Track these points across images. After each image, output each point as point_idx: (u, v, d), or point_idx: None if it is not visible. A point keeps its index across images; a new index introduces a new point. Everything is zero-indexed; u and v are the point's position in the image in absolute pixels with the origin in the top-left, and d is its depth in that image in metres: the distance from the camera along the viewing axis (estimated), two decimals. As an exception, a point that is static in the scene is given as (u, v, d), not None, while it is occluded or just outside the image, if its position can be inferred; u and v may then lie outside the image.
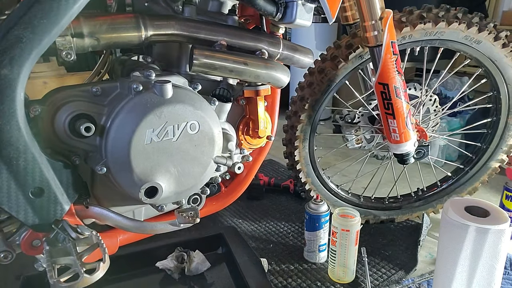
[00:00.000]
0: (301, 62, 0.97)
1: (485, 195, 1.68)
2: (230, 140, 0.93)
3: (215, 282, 1.10)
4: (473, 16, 1.14)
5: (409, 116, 1.14)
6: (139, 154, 0.75)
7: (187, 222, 0.78)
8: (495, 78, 1.23)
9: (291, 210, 1.54)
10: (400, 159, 1.23)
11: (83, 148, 0.76)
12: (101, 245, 0.67)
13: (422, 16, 1.12)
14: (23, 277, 1.03)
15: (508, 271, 1.17)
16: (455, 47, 1.17)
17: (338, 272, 1.13)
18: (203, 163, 0.83)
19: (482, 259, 0.90)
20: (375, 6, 1.00)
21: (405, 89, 1.12)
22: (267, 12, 0.84)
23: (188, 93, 0.81)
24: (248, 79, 0.88)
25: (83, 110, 0.74)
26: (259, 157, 1.10)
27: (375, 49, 1.05)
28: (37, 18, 0.63)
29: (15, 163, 0.66)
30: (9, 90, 0.63)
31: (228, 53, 0.84)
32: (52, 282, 0.61)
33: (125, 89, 0.77)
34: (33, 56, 0.64)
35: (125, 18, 0.77)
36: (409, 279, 1.15)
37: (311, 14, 0.87)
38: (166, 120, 0.76)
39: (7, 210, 0.68)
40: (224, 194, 1.11)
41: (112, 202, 0.85)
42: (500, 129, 1.31)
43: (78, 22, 0.72)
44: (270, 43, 0.91)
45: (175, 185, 0.81)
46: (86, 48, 0.74)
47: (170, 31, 0.81)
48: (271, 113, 1.06)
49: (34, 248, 0.75)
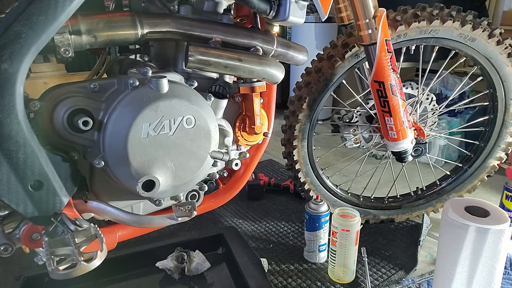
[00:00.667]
0: (295, 59, 0.98)
1: (485, 195, 1.67)
2: (227, 135, 0.94)
3: (215, 282, 1.10)
4: (467, 14, 1.16)
5: (406, 114, 1.15)
6: (136, 148, 0.76)
7: (184, 215, 0.79)
8: (491, 75, 1.24)
9: (291, 210, 1.54)
10: (398, 157, 1.24)
11: (81, 143, 0.78)
12: (98, 235, 0.68)
13: (416, 14, 1.13)
14: (23, 278, 1.03)
15: (508, 271, 1.16)
16: (450, 45, 1.18)
17: (338, 272, 1.13)
18: (200, 157, 0.84)
19: (482, 259, 0.90)
20: (368, 4, 1.02)
21: (401, 86, 1.13)
22: (260, 10, 0.86)
23: (184, 88, 0.82)
24: (242, 75, 0.89)
25: (81, 105, 0.76)
26: (257, 154, 1.11)
27: (369, 47, 1.07)
28: (35, 14, 0.65)
29: (14, 156, 0.67)
30: (9, 84, 0.64)
31: (223, 49, 0.86)
32: (51, 270, 0.62)
33: (122, 85, 0.79)
34: (32, 51, 0.66)
35: (122, 16, 0.79)
36: (409, 279, 1.15)
37: (304, 12, 0.89)
38: (162, 114, 0.77)
39: (7, 203, 0.69)
40: (222, 191, 1.12)
41: (110, 196, 0.86)
42: (498, 126, 1.31)
43: (76, 19, 0.74)
44: (264, 40, 0.92)
45: (172, 179, 0.82)
46: (84, 46, 0.76)
47: (166, 28, 0.82)
48: (268, 110, 1.07)
49: (34, 241, 0.75)
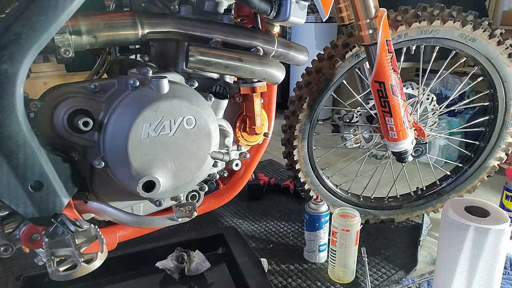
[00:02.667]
0: (296, 59, 0.98)
1: (485, 195, 1.67)
2: (227, 136, 0.94)
3: (215, 282, 1.10)
4: (468, 14, 1.16)
5: (406, 114, 1.15)
6: (137, 149, 0.75)
7: (185, 216, 0.79)
8: (491, 76, 1.24)
9: (291, 210, 1.54)
10: (398, 157, 1.23)
11: (81, 143, 0.77)
12: (99, 236, 0.68)
13: (417, 14, 1.13)
14: (23, 278, 1.03)
15: (508, 271, 1.16)
16: (450, 45, 1.18)
17: (338, 272, 1.13)
18: (200, 158, 0.84)
19: (482, 259, 0.90)
20: (369, 4, 1.02)
21: (401, 87, 1.13)
22: (261, 10, 0.86)
23: (185, 88, 0.82)
24: (243, 75, 0.89)
25: (82, 105, 0.76)
26: (257, 154, 1.11)
27: (370, 47, 1.07)
28: (36, 15, 0.64)
29: (14, 157, 0.67)
30: (9, 85, 0.64)
31: (223, 50, 0.86)
32: (51, 271, 0.62)
33: (123, 86, 0.78)
34: (32, 52, 0.65)
35: (122, 16, 0.79)
36: (409, 279, 1.15)
37: (304, 12, 0.89)
38: (162, 114, 0.77)
39: (7, 203, 0.69)
40: (223, 191, 1.11)
41: (111, 197, 0.86)
42: (498, 127, 1.31)
43: (76, 20, 0.74)
44: (265, 40, 0.92)
45: (173, 180, 0.82)
46: (84, 46, 0.76)
47: (166, 29, 0.82)
48: (268, 110, 1.06)
49: (34, 242, 0.75)
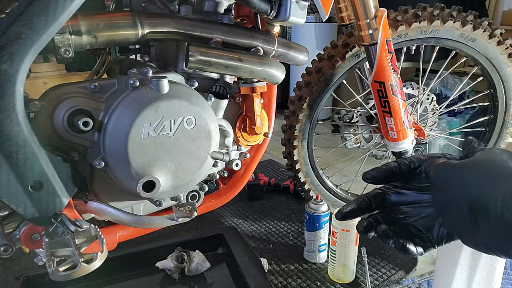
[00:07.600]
0: (296, 59, 0.98)
1: (486, 195, 1.67)
2: (227, 136, 0.94)
3: (215, 282, 1.10)
4: (468, 14, 1.16)
5: (406, 114, 1.15)
6: (137, 149, 0.75)
7: (185, 216, 0.79)
8: (491, 76, 1.24)
9: (291, 210, 1.53)
10: (398, 157, 1.23)
11: (81, 143, 0.77)
12: (99, 236, 0.68)
13: (417, 14, 1.13)
14: (23, 278, 1.03)
15: (508, 271, 1.16)
16: (450, 45, 1.18)
17: (338, 272, 1.12)
18: (200, 158, 0.84)
19: (482, 259, 0.90)
20: (369, 4, 1.02)
21: (401, 87, 1.13)
22: (261, 10, 0.86)
23: (185, 89, 0.82)
24: (243, 75, 0.89)
25: (82, 105, 0.75)
26: (257, 154, 1.11)
27: (370, 47, 1.06)
28: (36, 15, 0.64)
29: (14, 157, 0.67)
30: (9, 85, 0.64)
31: (223, 50, 0.86)
32: (51, 271, 0.62)
33: (123, 86, 0.78)
34: (32, 52, 0.65)
35: (122, 16, 0.79)
36: (409, 279, 1.15)
37: (305, 12, 0.89)
38: (162, 115, 0.77)
39: (7, 203, 0.69)
40: (223, 191, 1.11)
41: (111, 197, 0.86)
42: (498, 127, 1.31)
43: (76, 20, 0.74)
44: (265, 40, 0.92)
45: (173, 179, 0.82)
46: (84, 46, 0.76)
47: (166, 29, 0.82)
48: (268, 110, 1.06)
49: (34, 242, 0.75)
